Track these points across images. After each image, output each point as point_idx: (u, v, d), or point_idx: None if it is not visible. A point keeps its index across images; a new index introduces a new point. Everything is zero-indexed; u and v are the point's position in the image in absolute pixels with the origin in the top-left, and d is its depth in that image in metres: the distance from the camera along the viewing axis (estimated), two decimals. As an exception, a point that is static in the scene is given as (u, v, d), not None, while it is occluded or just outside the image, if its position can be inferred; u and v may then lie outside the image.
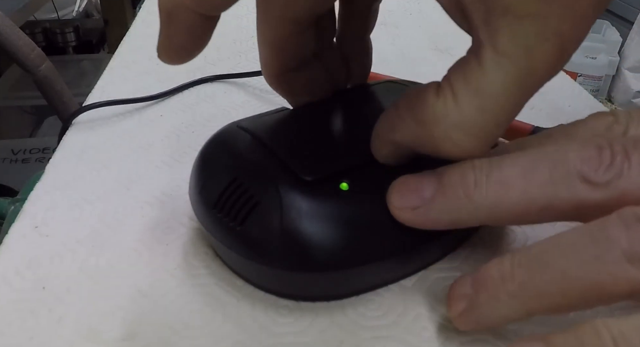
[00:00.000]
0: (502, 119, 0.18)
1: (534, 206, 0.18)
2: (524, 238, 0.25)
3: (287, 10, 0.21)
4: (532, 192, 0.18)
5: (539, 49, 0.17)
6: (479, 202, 0.19)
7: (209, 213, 0.22)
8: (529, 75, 0.18)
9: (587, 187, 0.17)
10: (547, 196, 0.18)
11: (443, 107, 0.18)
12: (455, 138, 0.18)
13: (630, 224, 0.16)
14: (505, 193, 0.18)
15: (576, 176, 0.18)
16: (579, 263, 0.16)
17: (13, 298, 0.22)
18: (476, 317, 0.18)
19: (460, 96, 0.18)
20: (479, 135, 0.18)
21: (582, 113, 0.37)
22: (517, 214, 0.19)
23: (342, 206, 0.21)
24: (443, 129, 0.18)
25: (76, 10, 1.85)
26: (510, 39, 0.17)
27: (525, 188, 0.18)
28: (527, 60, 0.17)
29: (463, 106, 0.18)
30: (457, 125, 0.18)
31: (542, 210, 0.18)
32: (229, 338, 0.20)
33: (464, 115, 0.18)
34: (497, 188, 0.19)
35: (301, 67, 0.24)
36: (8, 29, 0.59)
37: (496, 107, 0.18)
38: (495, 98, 0.18)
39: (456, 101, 0.18)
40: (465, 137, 0.18)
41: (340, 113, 0.26)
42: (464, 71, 0.18)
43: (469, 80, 0.18)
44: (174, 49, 0.20)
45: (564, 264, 0.17)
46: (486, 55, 0.17)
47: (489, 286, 0.18)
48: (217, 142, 0.24)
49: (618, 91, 1.94)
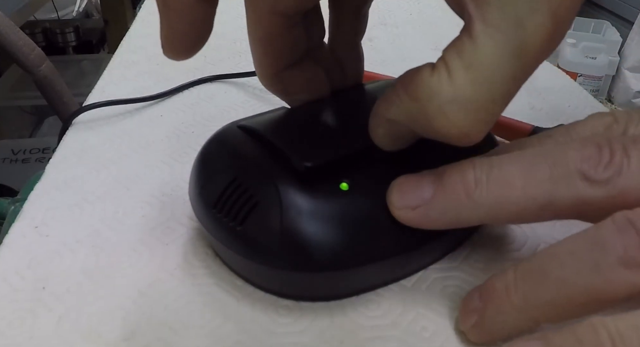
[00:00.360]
0: (498, 94, 0.18)
1: (535, 204, 0.18)
2: (524, 238, 0.25)
3: (275, 5, 0.21)
4: (533, 191, 0.18)
5: (529, 20, 0.17)
6: (480, 201, 0.19)
7: (209, 213, 0.22)
8: (522, 48, 0.17)
9: (587, 185, 0.18)
10: (547, 194, 0.18)
11: (437, 82, 0.18)
12: (449, 114, 0.18)
13: (624, 229, 0.16)
14: (506, 192, 0.19)
15: (576, 174, 0.18)
16: (577, 271, 0.17)
17: (13, 298, 0.22)
18: (487, 330, 0.19)
19: (454, 71, 0.17)
20: (474, 111, 0.18)
21: (582, 113, 0.37)
22: (517, 213, 0.19)
23: (342, 205, 0.21)
24: (437, 104, 0.18)
25: (76, 10, 1.85)
26: (499, 11, 0.17)
27: (526, 186, 0.18)
28: (518, 31, 0.17)
29: (457, 81, 0.17)
30: (452, 101, 0.18)
31: (542, 208, 0.18)
32: (229, 338, 0.20)
33: (457, 89, 0.17)
34: (498, 187, 0.19)
35: (295, 66, 0.24)
36: (8, 29, 0.59)
37: (490, 80, 0.17)
38: (489, 71, 0.17)
39: (450, 76, 0.17)
40: (460, 113, 0.18)
41: (339, 111, 0.26)
42: (457, 47, 0.18)
43: (462, 55, 0.17)
44: (177, 40, 0.20)
45: (563, 273, 0.17)
46: (477, 28, 0.17)
47: (495, 298, 0.18)
48: (217, 142, 0.24)
49: (618, 91, 1.94)
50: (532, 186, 0.18)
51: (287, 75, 0.24)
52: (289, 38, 0.23)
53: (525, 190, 0.18)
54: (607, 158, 0.18)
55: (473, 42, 0.17)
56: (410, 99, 0.19)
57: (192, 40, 0.20)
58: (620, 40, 1.92)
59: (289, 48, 0.23)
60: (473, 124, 0.18)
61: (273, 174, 0.21)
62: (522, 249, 0.24)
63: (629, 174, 0.17)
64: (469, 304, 0.20)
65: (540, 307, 0.17)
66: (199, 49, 0.21)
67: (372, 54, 0.45)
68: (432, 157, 0.20)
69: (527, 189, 0.18)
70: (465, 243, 0.24)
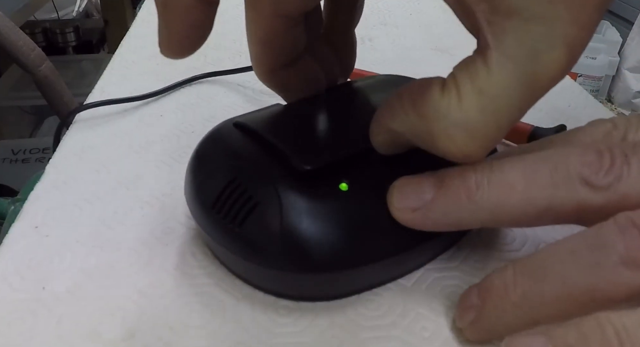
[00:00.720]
0: (504, 122, 0.18)
1: (535, 207, 0.18)
2: (524, 238, 0.25)
3: (278, 8, 0.21)
4: (534, 194, 0.18)
5: (545, 53, 0.17)
6: (480, 204, 0.19)
7: (207, 214, 0.21)
8: (534, 80, 0.17)
9: (588, 190, 0.18)
10: (548, 198, 0.18)
11: (447, 105, 0.18)
12: (454, 137, 0.18)
13: (626, 229, 0.16)
14: (507, 195, 0.19)
15: (577, 178, 0.18)
16: (577, 270, 0.17)
17: (13, 298, 0.22)
18: (485, 327, 0.19)
19: (465, 96, 0.18)
20: (479, 137, 0.18)
21: (582, 113, 0.37)
22: (518, 216, 0.19)
23: (342, 206, 0.21)
24: (444, 126, 0.18)
25: (76, 10, 1.85)
26: (516, 42, 0.17)
27: (527, 190, 0.18)
28: (533, 64, 0.17)
29: (466, 106, 0.18)
30: (458, 125, 0.18)
31: (543, 212, 0.18)
32: (229, 338, 0.20)
33: (466, 115, 0.18)
34: (499, 190, 0.19)
35: (293, 63, 0.24)
36: (8, 29, 0.59)
37: (499, 109, 0.17)
38: (499, 100, 0.17)
39: (460, 100, 0.18)
40: (465, 137, 0.18)
41: (336, 106, 0.26)
42: (470, 71, 0.18)
43: (474, 81, 0.17)
44: (175, 41, 0.20)
45: (563, 272, 0.17)
46: (492, 56, 0.17)
47: (493, 295, 0.18)
48: (213, 141, 0.24)
49: (618, 91, 1.94)
50: (533, 190, 0.18)
51: (285, 72, 0.24)
52: (289, 38, 0.23)
53: (526, 193, 0.18)
54: (607, 164, 0.18)
55: (487, 70, 0.17)
56: (417, 116, 0.19)
57: (191, 41, 0.20)
58: (620, 40, 1.92)
59: (288, 47, 0.23)
60: (476, 148, 0.18)
61: (272, 175, 0.21)
62: (522, 249, 0.24)
63: (629, 180, 0.17)
64: (466, 301, 0.19)
65: (539, 305, 0.17)
66: (197, 48, 0.21)
67: (372, 54, 0.45)
68: (432, 158, 0.20)
69: (528, 192, 0.18)
70: (465, 243, 0.24)
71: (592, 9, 0.17)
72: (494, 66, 0.17)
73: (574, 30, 0.17)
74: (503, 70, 0.17)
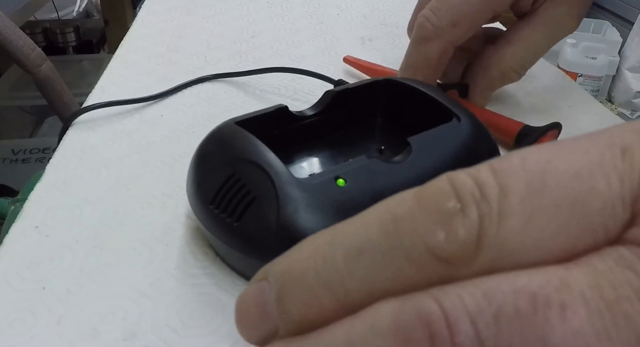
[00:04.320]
0: (534, 56, 0.34)
1: None
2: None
3: (449, 42, 0.31)
4: None
5: (566, 23, 0.33)
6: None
7: (206, 209, 0.22)
8: (555, 38, 0.33)
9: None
10: None
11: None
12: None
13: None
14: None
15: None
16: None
17: (13, 298, 0.22)
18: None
19: (515, 42, 0.33)
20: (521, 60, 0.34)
21: (582, 113, 0.37)
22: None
23: (339, 201, 0.21)
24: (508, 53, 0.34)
25: (76, 10, 1.85)
26: (550, 15, 0.32)
27: None
28: (557, 28, 0.33)
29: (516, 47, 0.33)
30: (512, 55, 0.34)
31: None
32: (229, 338, 0.20)
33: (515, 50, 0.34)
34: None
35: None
36: (8, 29, 0.59)
37: (534, 49, 0.33)
38: (535, 45, 0.33)
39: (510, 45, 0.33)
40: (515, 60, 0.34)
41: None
42: (519, 28, 0.33)
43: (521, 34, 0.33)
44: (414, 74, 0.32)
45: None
46: (534, 21, 0.32)
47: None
48: (215, 139, 0.24)
49: (618, 91, 1.94)
50: None
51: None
52: (447, 61, 0.32)
53: None
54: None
55: (531, 29, 0.34)
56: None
57: (428, 78, 0.32)
58: (620, 40, 1.92)
59: (443, 66, 0.32)
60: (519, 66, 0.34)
61: (270, 171, 0.21)
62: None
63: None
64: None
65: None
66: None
67: (372, 54, 0.45)
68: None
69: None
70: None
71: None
72: (535, 26, 0.32)
73: (581, 10, 0.33)
74: (539, 29, 0.32)
